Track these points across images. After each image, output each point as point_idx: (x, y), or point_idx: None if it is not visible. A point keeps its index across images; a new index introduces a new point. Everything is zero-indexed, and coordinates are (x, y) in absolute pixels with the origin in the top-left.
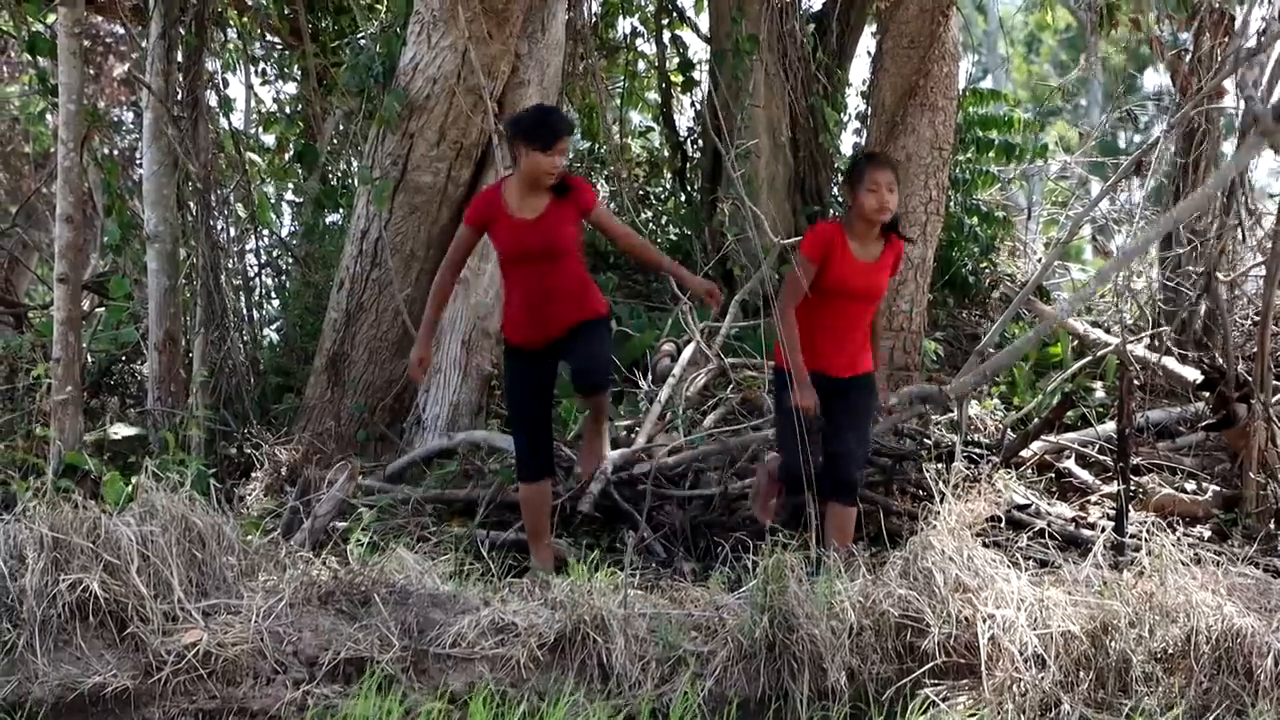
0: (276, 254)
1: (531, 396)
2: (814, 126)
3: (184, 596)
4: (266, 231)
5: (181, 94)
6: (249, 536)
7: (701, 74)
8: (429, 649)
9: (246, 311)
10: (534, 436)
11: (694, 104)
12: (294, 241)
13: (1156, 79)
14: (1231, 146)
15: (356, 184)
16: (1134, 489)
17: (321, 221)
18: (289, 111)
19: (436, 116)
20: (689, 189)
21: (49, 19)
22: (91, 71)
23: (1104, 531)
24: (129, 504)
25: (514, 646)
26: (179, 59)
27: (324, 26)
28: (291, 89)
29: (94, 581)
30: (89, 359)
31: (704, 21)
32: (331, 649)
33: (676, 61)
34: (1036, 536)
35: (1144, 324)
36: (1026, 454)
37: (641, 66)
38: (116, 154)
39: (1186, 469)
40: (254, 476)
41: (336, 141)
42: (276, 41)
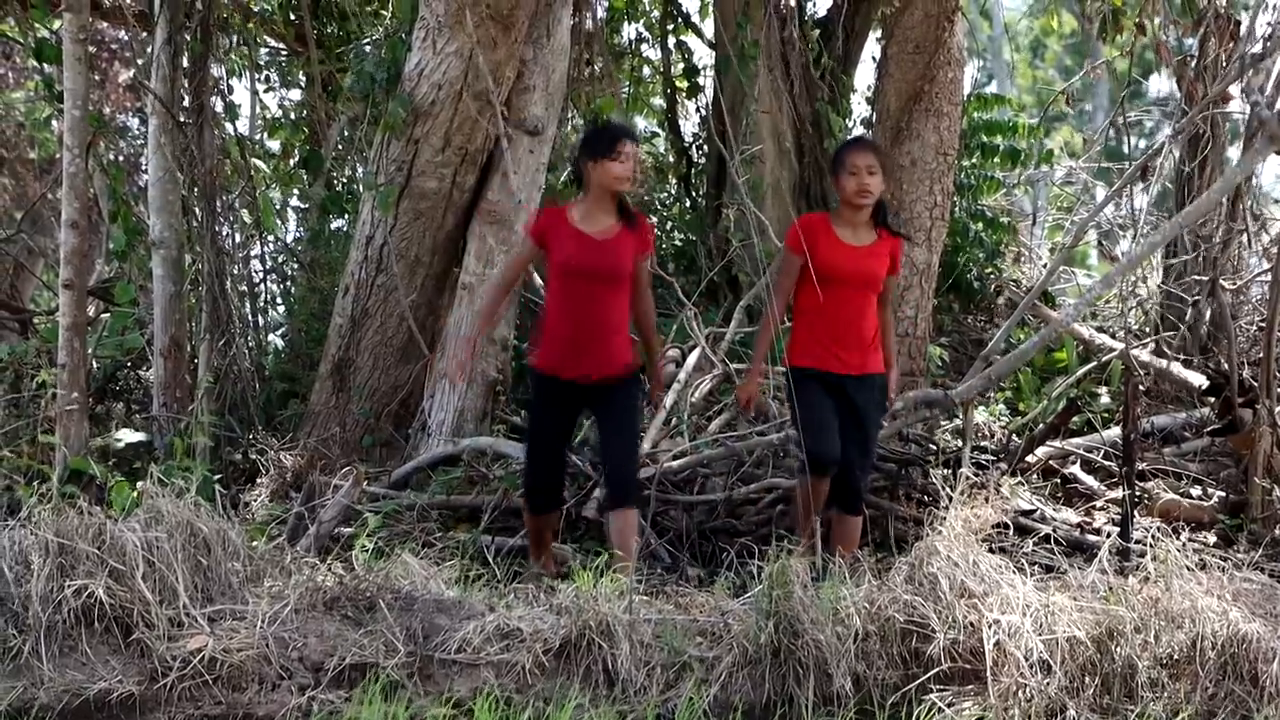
0: (281, 260)
1: (552, 433)
2: (819, 132)
3: (189, 602)
4: (271, 237)
5: (187, 100)
6: (254, 542)
7: (706, 80)
8: (434, 654)
9: (252, 317)
10: (548, 469)
11: (699, 110)
12: (299, 247)
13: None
14: (1237, 152)
15: (361, 190)
16: (1139, 494)
17: (326, 227)
18: (294, 117)
19: (441, 122)
20: (694, 194)
21: (54, 25)
22: (97, 77)
23: (1109, 537)
24: (134, 510)
25: (519, 652)
26: (184, 65)
27: (329, 32)
28: (296, 95)
29: (99, 587)
30: (94, 365)
31: (709, 27)
32: (336, 654)
33: (681, 67)
34: (1042, 542)
35: (1149, 329)
36: (1032, 459)
37: (646, 72)
38: (122, 160)
39: (1192, 474)
40: (259, 482)
41: (341, 147)
42: (281, 47)
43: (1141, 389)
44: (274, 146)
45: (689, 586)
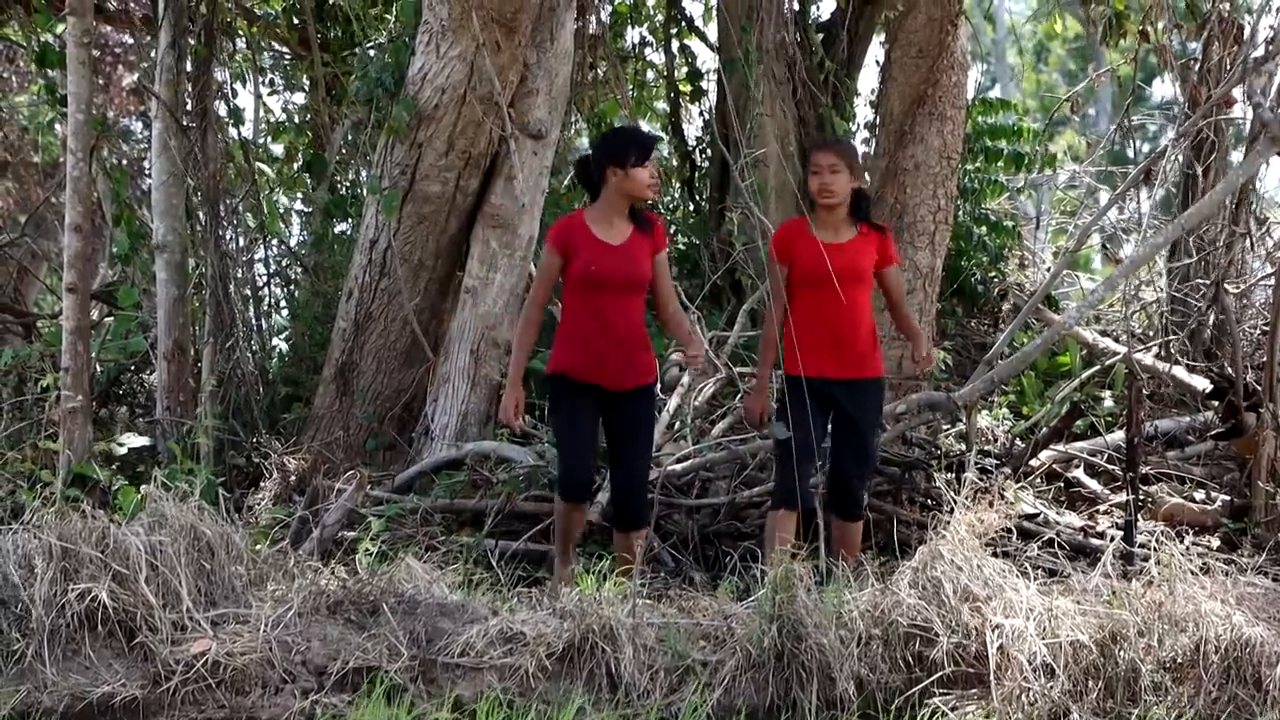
0: (285, 263)
1: (582, 420)
2: (822, 135)
3: (192, 606)
4: (275, 241)
5: (190, 104)
6: (257, 546)
7: (710, 83)
8: (437, 658)
9: (255, 321)
10: (582, 454)
11: (702, 113)
12: (303, 251)
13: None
14: (1240, 156)
15: (365, 193)
16: (1143, 498)
17: (330, 231)
18: (298, 121)
19: (445, 126)
20: (697, 198)
21: (58, 29)
22: (100, 81)
23: (1113, 541)
24: (138, 513)
25: (522, 656)
26: (188, 69)
27: (333, 36)
28: (300, 99)
29: (103, 591)
30: (98, 368)
31: (712, 31)
32: (340, 658)
33: (685, 71)
34: (1045, 546)
35: (1153, 333)
36: (1035, 463)
37: (650, 76)
38: (125, 163)
39: (1195, 478)
40: (262, 486)
41: (345, 151)
42: (285, 51)
43: (1145, 393)
44: (278, 150)
45: (692, 590)
